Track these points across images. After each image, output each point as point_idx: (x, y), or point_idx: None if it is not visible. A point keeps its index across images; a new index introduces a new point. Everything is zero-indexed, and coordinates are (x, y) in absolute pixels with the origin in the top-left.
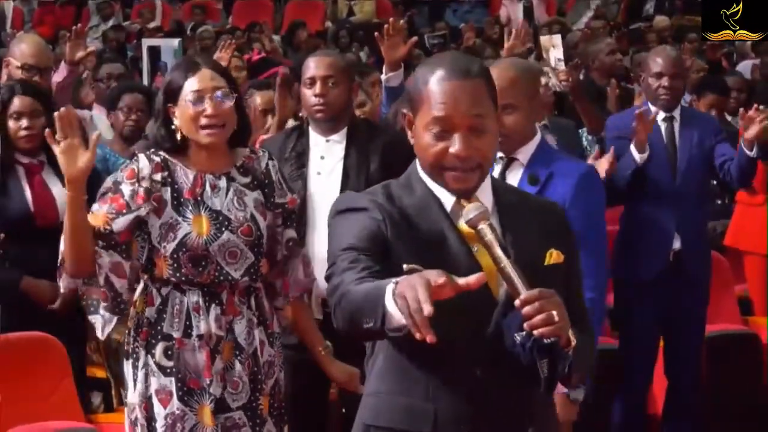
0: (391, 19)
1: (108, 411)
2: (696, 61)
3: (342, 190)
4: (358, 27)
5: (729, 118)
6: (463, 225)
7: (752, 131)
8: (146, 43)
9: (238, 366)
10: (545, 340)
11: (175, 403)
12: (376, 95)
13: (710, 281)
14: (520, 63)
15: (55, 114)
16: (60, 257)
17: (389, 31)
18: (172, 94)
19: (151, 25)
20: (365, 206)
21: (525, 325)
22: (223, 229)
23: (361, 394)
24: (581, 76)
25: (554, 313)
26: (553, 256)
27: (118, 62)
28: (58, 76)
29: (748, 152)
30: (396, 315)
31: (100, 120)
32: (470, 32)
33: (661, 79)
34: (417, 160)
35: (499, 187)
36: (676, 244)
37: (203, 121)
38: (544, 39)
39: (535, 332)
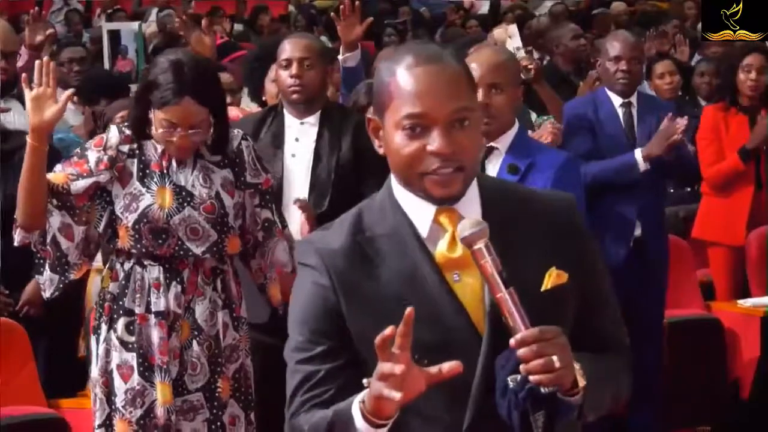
0: (346, 0)
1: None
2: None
3: (313, 172)
4: (320, 12)
5: (704, 103)
6: (439, 252)
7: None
8: (106, 27)
9: (195, 346)
10: (542, 389)
11: (135, 378)
12: (336, 78)
13: (668, 265)
14: (506, 49)
15: (37, 62)
16: (17, 210)
17: (345, 12)
18: (153, 101)
19: (114, 8)
20: (312, 265)
21: (521, 368)
22: (185, 204)
23: None
24: (543, 62)
25: (555, 358)
26: (553, 278)
27: (78, 46)
28: (20, 62)
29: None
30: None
31: None
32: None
33: (618, 63)
34: (390, 176)
35: (490, 194)
36: (637, 231)
37: (171, 146)
38: (498, 32)
39: (531, 378)
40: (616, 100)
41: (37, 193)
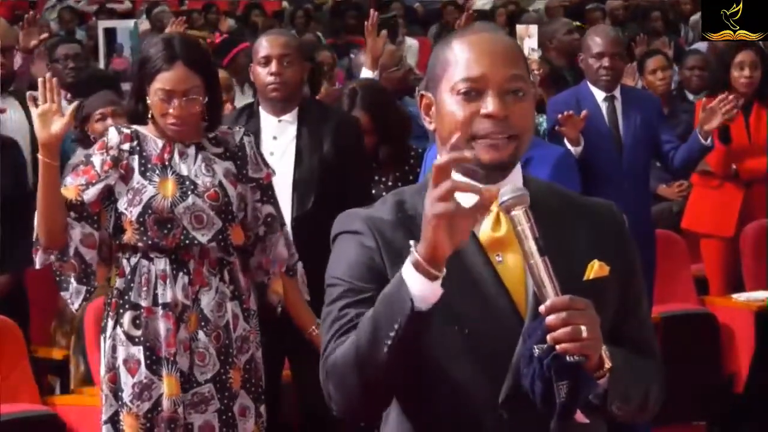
0: (374, 13)
1: (64, 393)
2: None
3: (296, 170)
4: (315, 8)
5: (691, 97)
6: (483, 231)
7: (714, 123)
8: (101, 25)
9: (203, 337)
10: (568, 358)
11: (143, 372)
12: (332, 76)
13: (656, 262)
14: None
15: (39, 79)
16: (35, 233)
17: (369, 29)
18: (147, 75)
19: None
20: (358, 230)
21: (548, 337)
22: (189, 192)
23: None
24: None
25: (583, 327)
26: (595, 269)
27: (73, 42)
28: (14, 65)
29: (703, 141)
30: (425, 286)
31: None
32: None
33: (601, 59)
34: (437, 158)
35: (536, 189)
36: None
37: (169, 119)
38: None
39: (557, 347)
40: (599, 95)
41: (56, 210)
